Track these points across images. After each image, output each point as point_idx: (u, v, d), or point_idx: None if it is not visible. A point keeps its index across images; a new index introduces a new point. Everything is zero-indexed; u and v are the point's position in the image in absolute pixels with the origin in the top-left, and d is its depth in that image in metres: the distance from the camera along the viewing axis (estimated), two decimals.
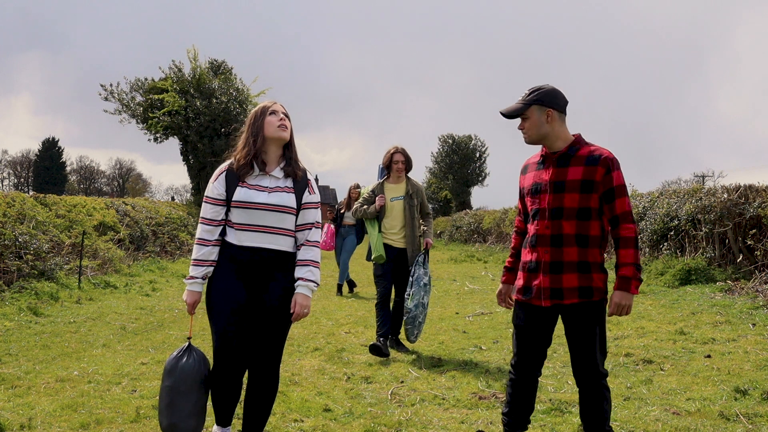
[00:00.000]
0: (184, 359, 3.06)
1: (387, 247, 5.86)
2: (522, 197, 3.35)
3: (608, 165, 3.02)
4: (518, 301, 3.28)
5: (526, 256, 3.22)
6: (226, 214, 3.10)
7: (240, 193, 3.04)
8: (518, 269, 3.33)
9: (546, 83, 3.19)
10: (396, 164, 5.90)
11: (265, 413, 3.18)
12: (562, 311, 3.12)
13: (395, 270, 5.90)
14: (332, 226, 10.53)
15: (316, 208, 3.20)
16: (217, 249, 3.08)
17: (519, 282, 3.28)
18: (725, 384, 4.46)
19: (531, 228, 3.21)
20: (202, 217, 3.10)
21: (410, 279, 5.74)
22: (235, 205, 3.05)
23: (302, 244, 3.15)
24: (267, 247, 3.05)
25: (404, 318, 5.69)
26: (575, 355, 3.14)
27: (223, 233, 3.10)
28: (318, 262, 3.16)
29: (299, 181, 3.12)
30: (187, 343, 3.14)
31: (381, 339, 5.71)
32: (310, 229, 3.16)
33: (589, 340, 3.08)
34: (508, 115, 3.17)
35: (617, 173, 3.04)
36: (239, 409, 3.81)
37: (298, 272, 3.14)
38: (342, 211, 10.55)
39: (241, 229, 3.05)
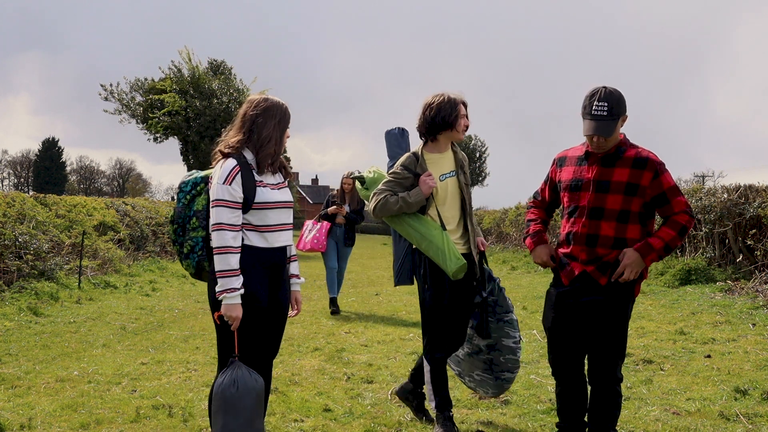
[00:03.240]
0: (234, 381, 2.78)
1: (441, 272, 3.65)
2: (553, 188, 3.31)
3: (656, 169, 3.00)
4: (548, 296, 3.26)
5: (561, 250, 3.20)
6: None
7: (263, 194, 2.91)
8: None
9: (603, 85, 3.02)
10: (462, 119, 3.68)
11: (264, 411, 3.18)
12: (588, 307, 3.09)
13: (461, 292, 3.70)
14: (321, 223, 8.19)
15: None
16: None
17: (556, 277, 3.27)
18: (725, 384, 4.47)
19: (566, 225, 3.17)
20: (224, 223, 2.81)
21: (501, 314, 3.74)
22: (260, 206, 2.90)
23: None
24: (286, 244, 3.05)
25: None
26: (593, 355, 3.13)
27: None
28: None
29: (285, 174, 3.14)
30: (235, 362, 2.85)
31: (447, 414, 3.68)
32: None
33: (610, 340, 3.08)
34: (607, 136, 2.97)
35: (665, 176, 3.01)
36: None
37: (291, 269, 3.20)
38: (336, 202, 8.24)
39: (269, 230, 2.95)
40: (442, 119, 3.63)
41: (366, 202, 7.17)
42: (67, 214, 11.72)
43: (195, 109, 22.05)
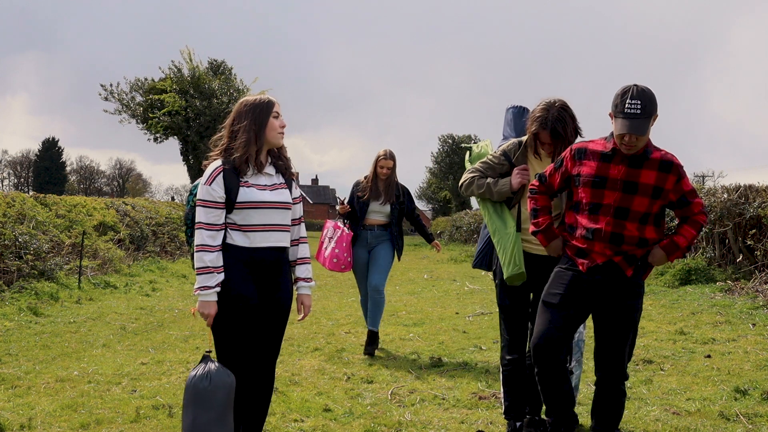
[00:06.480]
0: (207, 375, 2.83)
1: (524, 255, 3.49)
2: (566, 178, 3.17)
3: (679, 173, 3.02)
4: (560, 274, 3.13)
5: (578, 244, 3.11)
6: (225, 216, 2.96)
7: (246, 194, 2.93)
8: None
9: (633, 84, 2.93)
10: (532, 123, 3.40)
11: (266, 411, 3.18)
12: (608, 298, 3.06)
13: (535, 294, 3.57)
14: (344, 227, 5.82)
15: (301, 201, 3.23)
16: (221, 254, 2.92)
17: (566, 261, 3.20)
18: (725, 384, 4.47)
19: (583, 220, 3.09)
20: (202, 222, 2.90)
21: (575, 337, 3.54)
22: (243, 206, 2.92)
23: (297, 241, 3.19)
24: (278, 245, 3.04)
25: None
26: (607, 351, 3.09)
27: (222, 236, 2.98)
28: (310, 258, 3.27)
29: (287, 175, 3.13)
30: (207, 357, 2.92)
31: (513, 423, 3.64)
32: (300, 224, 3.22)
33: (623, 337, 3.07)
34: (642, 134, 2.88)
35: (686, 179, 3.06)
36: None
37: (299, 272, 3.20)
38: (363, 198, 5.79)
39: (252, 230, 2.96)
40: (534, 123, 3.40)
41: (410, 194, 5.99)
42: (67, 214, 11.72)
43: (195, 109, 22.06)
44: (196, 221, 2.93)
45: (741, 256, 8.96)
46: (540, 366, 3.12)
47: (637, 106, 2.86)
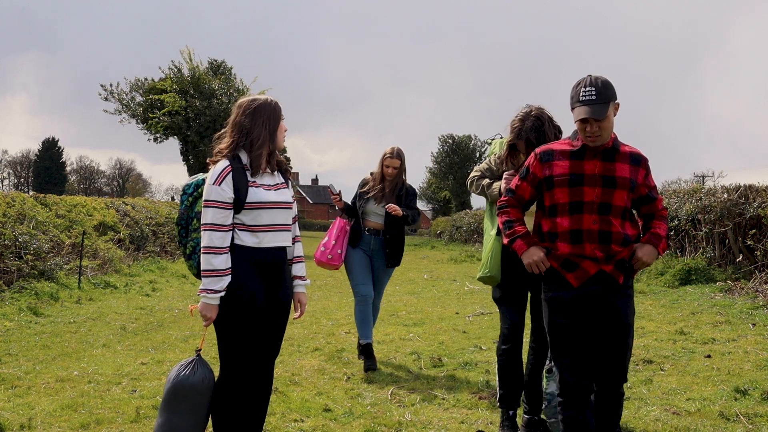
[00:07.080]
0: (191, 373, 2.91)
1: (511, 255, 3.45)
2: (536, 185, 3.09)
3: (647, 167, 3.09)
4: (555, 301, 3.03)
5: (564, 251, 3.00)
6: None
7: (255, 194, 2.91)
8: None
9: (588, 74, 2.97)
10: (513, 132, 3.52)
11: (265, 411, 3.19)
12: (606, 308, 3.00)
13: (532, 293, 3.67)
14: (343, 219, 5.46)
15: (295, 200, 3.24)
16: (229, 256, 2.88)
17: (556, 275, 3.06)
18: (725, 384, 4.47)
19: (564, 222, 3.00)
20: (210, 224, 2.84)
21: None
22: (252, 206, 2.90)
23: (292, 240, 3.19)
24: (283, 245, 3.06)
25: (546, 404, 3.65)
26: (609, 355, 3.04)
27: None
28: (304, 257, 3.31)
29: (285, 175, 3.14)
30: (196, 357, 2.99)
31: (506, 421, 3.71)
32: (296, 222, 3.24)
33: (628, 339, 3.04)
34: (599, 117, 2.90)
35: (651, 174, 3.12)
36: None
37: (294, 270, 3.21)
38: (369, 195, 5.33)
39: (261, 230, 2.95)
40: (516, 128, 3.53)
41: (415, 193, 5.51)
42: (67, 214, 11.72)
43: (195, 109, 22.06)
44: (203, 222, 2.87)
45: (741, 256, 8.96)
46: (570, 392, 3.02)
47: (592, 92, 2.92)
